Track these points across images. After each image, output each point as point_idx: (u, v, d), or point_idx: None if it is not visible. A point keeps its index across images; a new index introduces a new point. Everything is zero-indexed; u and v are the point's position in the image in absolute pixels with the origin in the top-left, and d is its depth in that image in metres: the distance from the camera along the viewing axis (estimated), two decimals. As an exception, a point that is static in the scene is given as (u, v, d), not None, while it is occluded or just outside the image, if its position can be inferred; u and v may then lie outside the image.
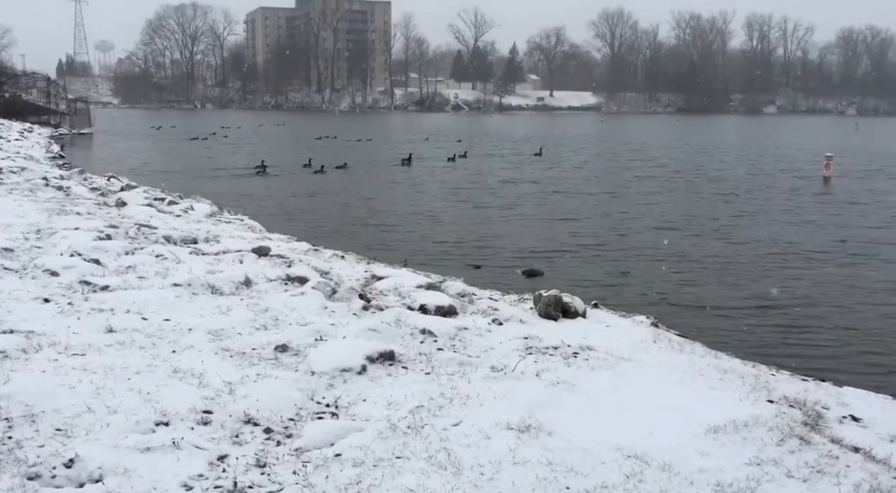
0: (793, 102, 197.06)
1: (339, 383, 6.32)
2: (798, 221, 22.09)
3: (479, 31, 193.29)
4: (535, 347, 7.62)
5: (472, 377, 6.55)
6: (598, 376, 6.71)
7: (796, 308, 12.82)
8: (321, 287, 9.39)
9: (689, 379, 6.69)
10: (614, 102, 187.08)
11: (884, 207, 25.11)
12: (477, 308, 9.40)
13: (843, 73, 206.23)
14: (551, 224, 21.39)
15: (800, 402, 6.25)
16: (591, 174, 36.20)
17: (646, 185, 31.56)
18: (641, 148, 54.80)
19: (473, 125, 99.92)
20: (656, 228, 20.89)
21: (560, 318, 9.13)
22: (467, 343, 7.68)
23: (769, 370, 7.77)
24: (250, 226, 17.50)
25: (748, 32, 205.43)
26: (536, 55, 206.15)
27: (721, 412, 5.76)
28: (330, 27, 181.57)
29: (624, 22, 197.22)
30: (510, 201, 26.01)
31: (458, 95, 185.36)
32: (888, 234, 20.10)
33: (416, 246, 17.98)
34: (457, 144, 55.48)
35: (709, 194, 28.50)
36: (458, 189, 29.67)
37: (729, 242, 18.81)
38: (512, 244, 18.27)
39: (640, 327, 9.03)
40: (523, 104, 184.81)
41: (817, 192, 29.78)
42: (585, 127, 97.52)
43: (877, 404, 6.75)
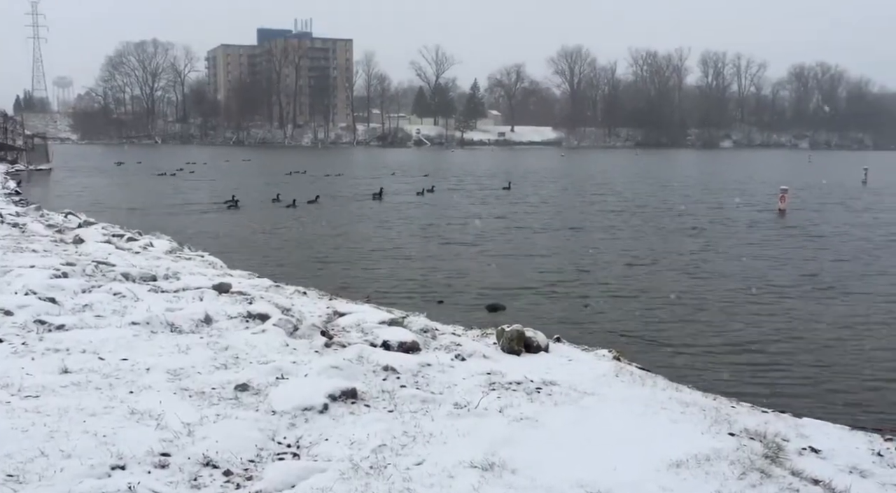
0: (748, 137, 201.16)
1: (300, 422, 6.23)
2: (756, 255, 22.39)
3: (440, 67, 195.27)
4: (499, 382, 7.59)
5: (435, 415, 6.50)
6: (561, 412, 6.70)
7: (756, 340, 12.96)
8: (283, 324, 9.31)
9: (652, 413, 6.71)
10: (574, 136, 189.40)
11: (840, 241, 25.58)
12: (440, 344, 9.36)
13: (795, 107, 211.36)
14: (515, 259, 21.43)
15: (760, 434, 6.29)
16: (555, 209, 36.43)
17: (610, 219, 31.82)
18: (605, 182, 55.30)
19: (437, 160, 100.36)
20: (619, 262, 21.03)
21: (523, 352, 9.13)
22: (430, 380, 7.64)
23: (730, 403, 7.83)
24: (211, 262, 17.32)
25: (703, 69, 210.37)
26: (497, 91, 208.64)
27: (683, 445, 5.77)
28: (292, 64, 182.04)
29: (582, 59, 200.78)
30: (476, 236, 26.07)
31: (420, 131, 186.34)
32: (845, 267, 20.46)
33: (380, 282, 17.91)
34: (424, 178, 55.94)
35: (671, 228, 28.81)
36: (425, 224, 29.70)
37: (690, 276, 18.99)
38: (476, 279, 18.27)
39: (603, 360, 9.05)
40: (485, 139, 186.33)
41: (774, 225, 30.28)
42: (547, 162, 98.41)
43: (835, 435, 6.81)
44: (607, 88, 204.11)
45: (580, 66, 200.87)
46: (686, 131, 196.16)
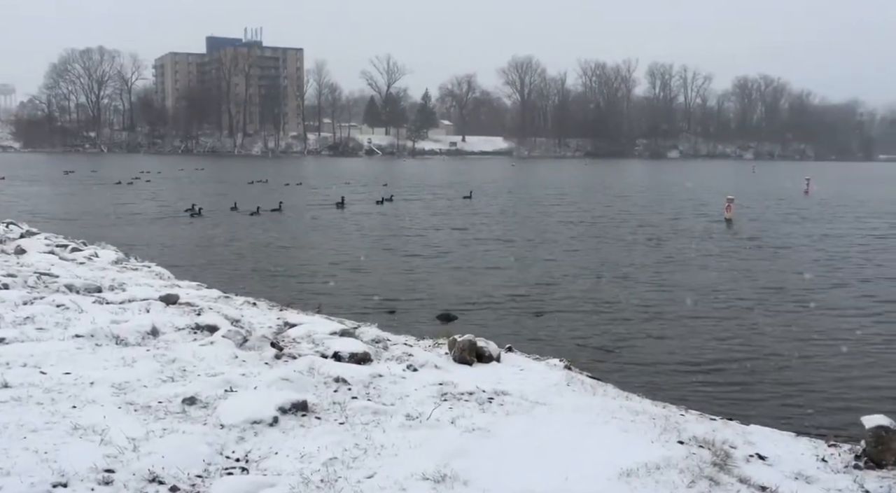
0: (694, 147, 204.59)
1: (249, 436, 6.13)
2: (703, 265, 22.75)
3: (391, 77, 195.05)
4: (451, 393, 7.57)
5: (386, 426, 6.44)
6: (513, 422, 6.70)
7: (705, 349, 13.15)
8: (232, 336, 9.17)
9: (603, 422, 6.74)
10: (525, 146, 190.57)
11: (785, 250, 26.12)
12: (392, 354, 9.32)
13: (739, 119, 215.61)
14: (469, 269, 21.46)
15: (709, 442, 6.36)
16: (512, 219, 36.53)
17: (564, 230, 32.03)
18: (563, 193, 55.54)
19: (390, 170, 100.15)
20: (572, 273, 21.20)
21: (475, 362, 9.12)
22: (382, 391, 7.58)
23: (679, 411, 7.91)
24: (158, 273, 17.03)
25: (651, 80, 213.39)
26: (449, 101, 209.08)
27: (634, 454, 5.80)
28: (242, 72, 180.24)
29: (533, 69, 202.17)
30: (430, 246, 26.05)
31: (371, 140, 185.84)
32: (791, 276, 20.89)
33: (332, 292, 17.79)
34: (383, 187, 56.36)
35: (623, 239, 29.10)
36: (381, 233, 29.63)
37: (641, 286, 19.20)
38: (429, 289, 18.26)
39: (554, 370, 9.08)
40: (436, 149, 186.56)
41: (721, 234, 30.79)
42: (499, 171, 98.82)
43: (781, 442, 6.92)
44: (557, 98, 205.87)
45: (530, 77, 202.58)
46: (634, 142, 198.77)
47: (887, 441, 6.26)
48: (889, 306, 16.84)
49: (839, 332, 14.37)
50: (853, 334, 14.13)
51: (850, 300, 17.40)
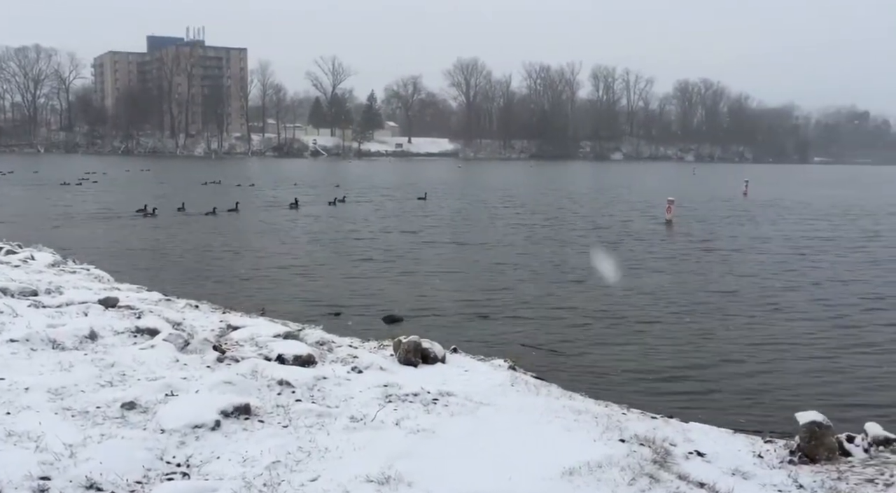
0: (637, 149, 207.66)
1: (191, 440, 6.05)
2: (644, 266, 23.08)
3: (337, 78, 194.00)
4: (396, 394, 7.57)
5: (331, 429, 6.42)
6: (457, 423, 6.73)
7: (646, 348, 13.34)
8: (173, 339, 9.04)
9: (546, 422, 6.81)
10: (470, 148, 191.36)
11: (722, 249, 26.65)
12: (336, 356, 9.28)
13: (681, 122, 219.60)
14: (417, 270, 21.45)
15: (649, 440, 6.46)
16: (460, 220, 36.59)
17: (512, 232, 32.20)
18: (510, 195, 55.69)
19: (336, 171, 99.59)
20: (517, 274, 21.33)
21: (420, 364, 9.14)
22: (326, 393, 7.55)
23: (621, 409, 8.02)
24: (97, 276, 16.68)
25: (594, 83, 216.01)
26: (394, 103, 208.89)
27: (577, 453, 5.87)
28: (183, 72, 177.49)
29: (478, 72, 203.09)
30: (379, 247, 25.97)
31: (316, 141, 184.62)
32: (729, 276, 21.31)
33: (277, 293, 17.63)
34: (335, 188, 56.29)
35: (568, 241, 29.37)
36: (330, 234, 29.45)
37: (584, 287, 19.42)
38: (375, 291, 18.20)
39: (499, 370, 9.14)
40: (382, 150, 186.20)
41: (662, 235, 31.27)
42: (447, 173, 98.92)
43: (720, 439, 7.07)
44: (502, 100, 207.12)
45: (476, 79, 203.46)
46: (579, 144, 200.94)
47: (820, 437, 6.43)
48: (825, 305, 17.28)
49: (778, 331, 14.70)
50: (791, 334, 14.48)
51: (790, 300, 17.80)
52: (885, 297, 18.16)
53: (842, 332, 14.65)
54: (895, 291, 18.99)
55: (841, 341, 13.89)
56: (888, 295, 18.37)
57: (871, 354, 13.13)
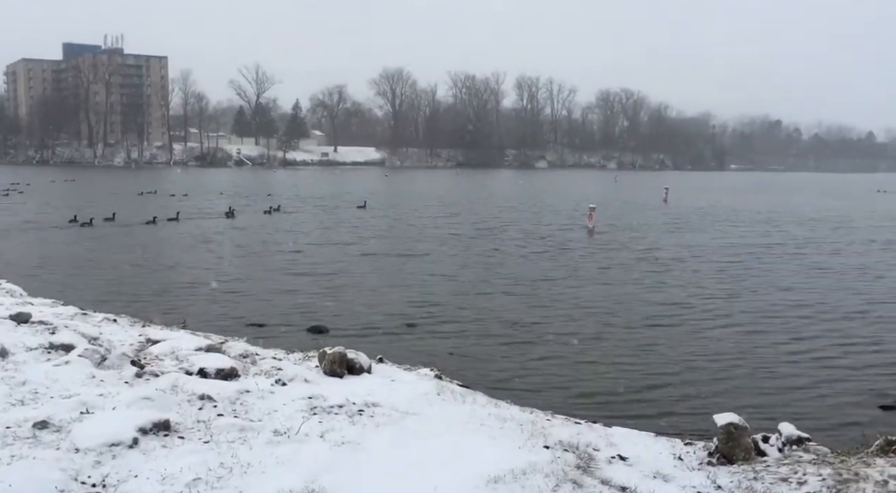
0: (561, 158, 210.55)
1: (107, 459, 5.87)
2: (567, 272, 23.38)
3: (261, 87, 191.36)
4: (320, 406, 7.49)
5: (253, 443, 6.31)
6: (383, 434, 6.69)
7: (570, 354, 13.50)
8: (89, 355, 8.77)
9: (472, 431, 6.82)
10: (397, 157, 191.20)
11: (640, 253, 27.17)
12: (260, 369, 9.14)
13: (603, 130, 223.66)
14: (343, 280, 21.28)
15: (573, 445, 6.54)
16: (393, 229, 36.48)
17: (439, 241, 32.24)
18: (442, 204, 55.61)
19: (264, 180, 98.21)
20: (444, 282, 21.38)
21: (345, 375, 9.07)
22: (249, 407, 7.42)
23: (546, 416, 8.09)
24: (9, 290, 16.09)
25: (519, 93, 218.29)
26: (320, 111, 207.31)
27: (501, 461, 5.90)
28: (101, 80, 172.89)
29: (404, 81, 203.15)
30: (307, 257, 25.70)
31: (240, 151, 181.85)
32: (648, 281, 21.74)
33: (200, 306, 17.29)
34: (267, 197, 56.38)
35: (492, 249, 29.56)
36: (257, 244, 29.00)
37: (508, 295, 19.55)
38: (300, 301, 18.00)
39: (425, 379, 9.13)
40: (308, 159, 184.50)
41: (583, 242, 31.74)
42: (374, 182, 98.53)
43: (641, 443, 7.19)
44: (428, 109, 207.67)
45: (401, 88, 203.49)
46: (504, 152, 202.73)
47: (737, 438, 6.61)
48: (742, 310, 17.77)
49: (697, 336, 15.07)
50: (710, 338, 14.86)
51: (708, 306, 18.26)
52: (801, 303, 18.78)
53: (758, 336, 15.08)
54: (811, 297, 19.66)
55: (757, 345, 14.30)
56: (804, 301, 19.01)
57: (786, 356, 13.55)
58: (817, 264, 25.39)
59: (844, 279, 22.29)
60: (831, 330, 15.53)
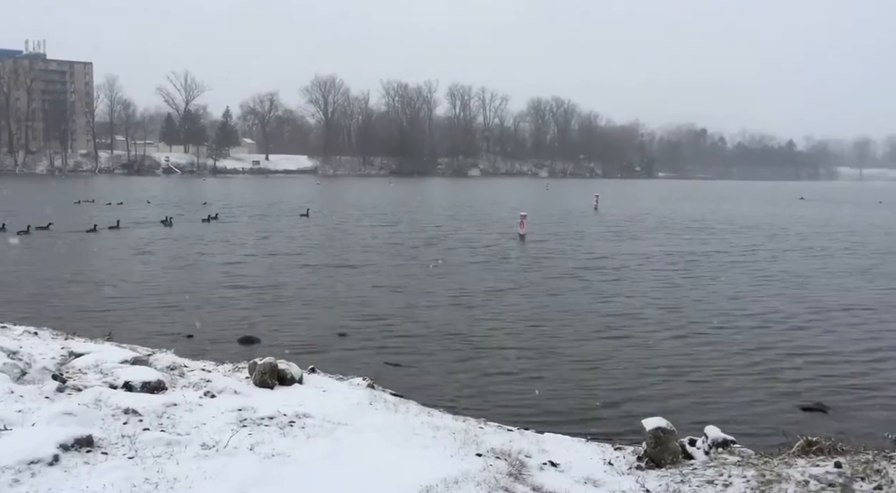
0: (493, 166, 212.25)
1: (25, 477, 5.66)
2: (498, 279, 23.53)
3: (190, 94, 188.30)
4: (250, 418, 7.37)
5: (180, 458, 6.16)
6: (314, 445, 6.61)
7: (503, 361, 13.57)
8: (8, 369, 8.46)
9: (404, 440, 6.79)
10: (330, 165, 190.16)
11: (570, 260, 27.52)
12: (188, 381, 8.94)
13: (535, 139, 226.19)
14: (276, 290, 21.02)
15: (505, 453, 6.56)
16: (328, 237, 36.18)
17: (375, 250, 32.11)
18: (378, 213, 55.32)
19: (193, 188, 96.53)
20: (377, 292, 21.28)
21: (276, 386, 8.94)
22: (177, 420, 7.25)
23: (478, 424, 8.11)
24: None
25: (451, 101, 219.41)
26: (251, 119, 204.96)
27: (434, 470, 5.88)
28: (23, 86, 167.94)
29: (336, 89, 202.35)
30: (239, 265, 25.32)
31: (169, 159, 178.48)
32: (578, 287, 22.02)
33: (126, 317, 16.88)
34: (203, 206, 56.11)
35: (426, 256, 29.57)
36: (188, 253, 28.42)
37: (441, 302, 19.57)
38: (231, 312, 17.72)
39: (357, 389, 9.07)
40: (239, 167, 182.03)
41: (515, 249, 32.01)
42: (307, 190, 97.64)
43: (572, 449, 7.26)
44: (361, 117, 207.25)
45: (334, 96, 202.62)
46: (437, 160, 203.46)
47: (665, 441, 6.72)
48: (671, 315, 18.12)
49: (627, 342, 15.30)
50: (639, 344, 15.10)
51: (637, 311, 18.57)
52: (727, 309, 19.24)
53: (686, 342, 15.39)
54: (737, 303, 20.15)
55: (685, 351, 14.60)
56: (730, 307, 19.48)
57: (714, 360, 13.86)
58: (747, 271, 26.03)
59: (772, 285, 22.89)
60: (757, 335, 15.93)
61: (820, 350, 14.53)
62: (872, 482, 5.79)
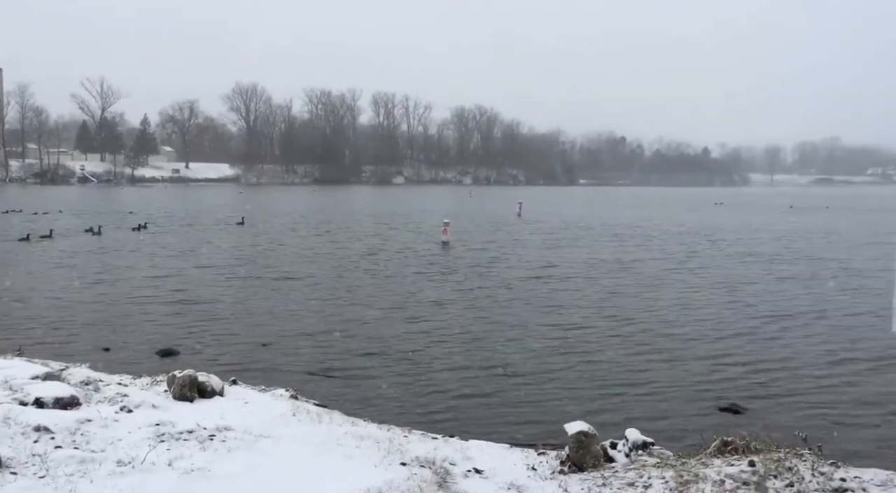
0: (418, 173, 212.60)
1: (-72, 502, 5.41)
2: (420, 286, 23.55)
3: (106, 101, 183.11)
4: (169, 433, 7.19)
5: (95, 476, 5.97)
6: (235, 459, 6.48)
7: (430, 369, 13.55)
8: None
9: (327, 451, 6.72)
10: (252, 173, 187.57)
11: (492, 266, 27.71)
12: (104, 396, 8.69)
13: (458, 146, 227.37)
14: (199, 300, 20.55)
15: (430, 461, 6.55)
16: (258, 247, 35.61)
17: (295, 257, 31.76)
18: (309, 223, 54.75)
19: (111, 197, 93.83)
20: (299, 301, 21.03)
21: (196, 399, 8.76)
22: (91, 437, 7.03)
23: (403, 432, 8.07)
24: None
25: (375, 109, 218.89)
26: (170, 127, 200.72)
27: (357, 480, 5.83)
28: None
29: (258, 96, 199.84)
30: (160, 276, 24.69)
31: (84, 167, 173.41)
32: (499, 293, 22.16)
33: (40, 330, 16.28)
34: (129, 215, 55.39)
35: (353, 267, 29.39)
36: (109, 264, 27.56)
37: (365, 309, 19.46)
38: (150, 325, 17.26)
39: (280, 400, 8.94)
40: (158, 176, 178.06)
41: (438, 256, 32.08)
42: (230, 199, 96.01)
43: (497, 455, 7.29)
44: (284, 125, 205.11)
45: (256, 104, 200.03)
46: (361, 168, 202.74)
47: (587, 445, 6.81)
48: (593, 319, 18.39)
49: (550, 347, 15.44)
50: (562, 349, 15.27)
51: (560, 316, 18.78)
52: (649, 313, 19.62)
53: (608, 346, 15.63)
54: (657, 305, 20.57)
55: (608, 355, 14.82)
56: (653, 310, 19.87)
57: (635, 364, 14.10)
58: (672, 276, 26.58)
59: (698, 290, 23.40)
60: (680, 339, 16.27)
61: (740, 353, 14.92)
62: (784, 479, 5.98)
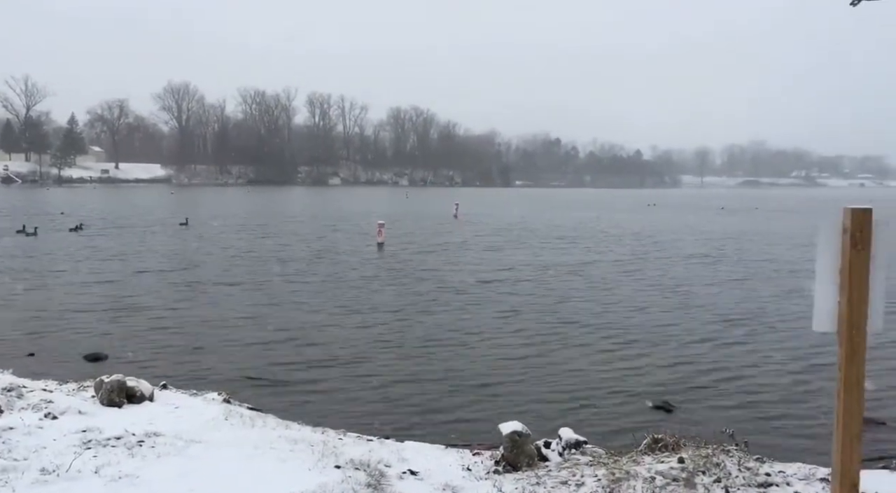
0: (354, 175, 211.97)
1: None
2: (356, 286, 23.46)
3: (31, 99, 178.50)
4: (96, 439, 7.01)
5: (17, 485, 5.79)
6: (165, 464, 6.36)
7: (357, 371, 13.49)
8: None
9: (261, 455, 6.63)
10: (185, 174, 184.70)
11: (429, 267, 27.77)
12: (28, 403, 8.43)
13: (395, 147, 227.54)
14: (126, 303, 20.10)
15: (364, 463, 6.51)
16: (188, 250, 34.99)
17: (229, 259, 31.32)
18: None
19: (37, 198, 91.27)
20: (233, 303, 20.76)
21: (125, 404, 8.56)
22: (13, 445, 6.81)
23: (338, 435, 8.02)
24: None
25: (310, 109, 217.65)
26: (99, 126, 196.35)
27: (290, 484, 5.77)
28: None
29: (190, 96, 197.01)
30: (89, 278, 24.08)
31: (8, 167, 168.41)
32: (435, 293, 22.21)
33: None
34: (61, 215, 54.90)
35: (285, 266, 29.13)
36: (39, 264, 26.75)
37: (300, 313, 19.30)
38: (76, 328, 16.82)
39: (212, 404, 8.81)
40: (86, 176, 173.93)
41: (373, 257, 32.03)
42: (161, 199, 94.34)
43: (432, 456, 7.30)
44: (217, 125, 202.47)
45: (188, 103, 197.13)
46: (297, 169, 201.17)
47: (521, 445, 6.87)
48: (529, 320, 18.54)
49: (485, 348, 15.51)
50: (497, 350, 15.35)
51: (496, 317, 18.89)
52: (584, 313, 19.87)
53: (544, 346, 15.78)
54: (592, 306, 20.84)
55: (542, 355, 14.94)
56: (588, 311, 20.12)
57: (570, 363, 14.26)
58: (611, 276, 26.92)
59: (634, 290, 23.74)
60: (615, 338, 16.46)
61: (673, 354, 15.16)
62: (712, 475, 6.11)
